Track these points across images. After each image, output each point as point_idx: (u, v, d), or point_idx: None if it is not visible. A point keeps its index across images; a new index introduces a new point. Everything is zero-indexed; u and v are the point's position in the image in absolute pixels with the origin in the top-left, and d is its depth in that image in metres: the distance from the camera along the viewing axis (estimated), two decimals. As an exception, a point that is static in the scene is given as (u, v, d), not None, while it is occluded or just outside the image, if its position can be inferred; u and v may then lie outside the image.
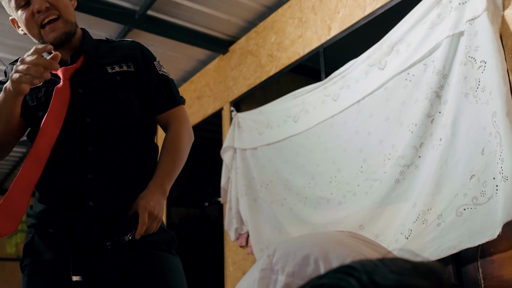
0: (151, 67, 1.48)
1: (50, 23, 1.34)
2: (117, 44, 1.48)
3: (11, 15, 1.43)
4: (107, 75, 1.39)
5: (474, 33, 1.86)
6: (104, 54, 1.43)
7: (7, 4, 1.39)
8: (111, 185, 1.31)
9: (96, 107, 1.35)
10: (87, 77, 1.37)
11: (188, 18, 3.34)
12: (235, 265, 3.24)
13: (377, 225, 2.16)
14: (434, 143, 1.97)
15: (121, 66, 1.41)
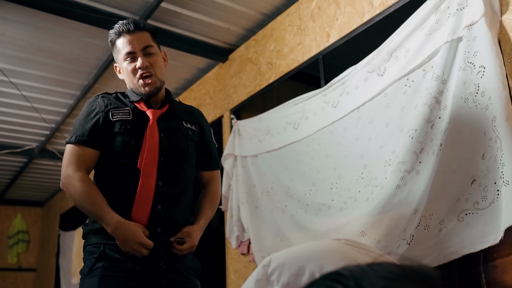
0: (209, 134, 1.95)
1: (146, 78, 1.73)
2: (190, 109, 1.94)
3: (116, 63, 1.81)
4: (183, 127, 1.82)
5: (473, 38, 1.87)
6: (181, 111, 1.87)
7: (117, 56, 1.78)
8: (172, 212, 1.70)
9: (171, 150, 1.74)
10: (168, 124, 1.78)
11: (187, 27, 3.35)
12: (237, 273, 3.23)
13: (379, 231, 2.16)
14: (434, 148, 1.97)
15: (192, 125, 1.86)
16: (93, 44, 3.48)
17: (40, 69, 3.78)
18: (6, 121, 4.68)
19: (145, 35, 1.75)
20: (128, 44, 1.72)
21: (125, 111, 1.73)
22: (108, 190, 1.67)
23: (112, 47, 1.78)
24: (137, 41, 1.72)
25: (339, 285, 0.51)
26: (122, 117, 1.71)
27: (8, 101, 4.26)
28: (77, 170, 1.65)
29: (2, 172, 6.29)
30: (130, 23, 1.73)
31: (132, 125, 1.71)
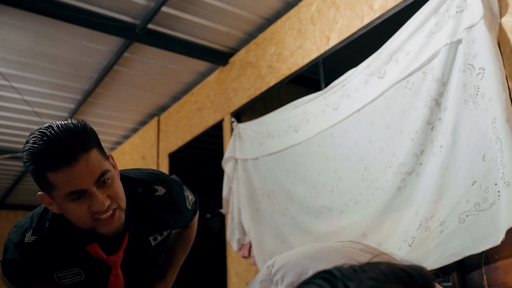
0: (184, 211, 1.51)
1: (108, 220, 1.20)
2: (155, 209, 1.39)
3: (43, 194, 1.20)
4: (151, 250, 1.42)
5: (472, 40, 1.88)
6: (145, 225, 1.38)
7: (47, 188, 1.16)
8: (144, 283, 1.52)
9: (138, 277, 1.46)
10: (133, 257, 1.38)
11: (188, 31, 3.37)
12: (238, 276, 3.23)
13: (380, 233, 2.16)
14: (435, 150, 1.97)
15: (162, 234, 1.43)
16: (94, 48, 3.49)
17: (41, 74, 3.80)
18: (7, 125, 4.69)
19: (93, 156, 1.13)
20: (72, 180, 1.11)
21: (74, 272, 1.32)
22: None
23: (36, 176, 1.14)
24: (85, 172, 1.11)
25: (328, 285, 0.52)
26: (73, 280, 1.33)
27: (10, 105, 4.28)
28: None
29: (3, 177, 6.30)
30: (66, 144, 1.09)
31: (88, 283, 1.36)
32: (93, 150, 1.14)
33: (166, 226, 1.43)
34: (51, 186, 1.13)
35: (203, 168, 5.73)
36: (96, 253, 1.30)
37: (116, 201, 1.20)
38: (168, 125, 4.46)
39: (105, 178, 1.16)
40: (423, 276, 0.54)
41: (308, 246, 0.89)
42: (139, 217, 1.36)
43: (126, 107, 4.55)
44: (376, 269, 0.54)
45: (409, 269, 0.55)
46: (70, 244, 1.28)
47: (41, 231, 1.26)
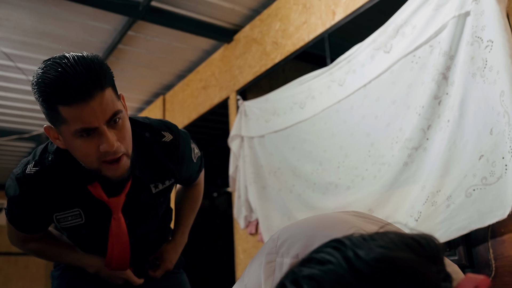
0: (189, 165, 1.48)
1: (115, 162, 1.19)
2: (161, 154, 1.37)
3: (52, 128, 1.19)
4: (151, 199, 1.40)
5: (480, 12, 1.85)
6: (148, 171, 1.36)
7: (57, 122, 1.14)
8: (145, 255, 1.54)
9: (139, 233, 1.45)
10: (133, 204, 1.36)
11: (192, 8, 3.33)
12: (245, 252, 3.26)
13: (386, 208, 2.17)
14: (442, 125, 1.96)
15: (164, 183, 1.41)
16: (98, 27, 3.47)
17: (45, 54, 3.78)
18: (13, 106, 4.70)
19: (108, 95, 1.11)
20: (85, 117, 1.08)
21: (74, 214, 1.30)
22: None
23: (47, 108, 1.11)
24: (99, 110, 1.09)
25: (338, 253, 0.52)
26: (73, 223, 1.31)
27: (15, 86, 4.28)
28: (26, 244, 1.41)
29: (11, 158, 6.35)
30: (82, 79, 1.05)
31: (88, 228, 1.34)
32: (108, 89, 1.11)
33: (170, 175, 1.41)
34: (61, 120, 1.11)
35: (210, 146, 5.74)
36: (97, 194, 1.28)
37: (124, 145, 1.18)
38: (174, 104, 4.46)
39: (117, 118, 1.14)
40: (432, 244, 0.55)
41: (313, 217, 0.89)
42: (144, 163, 1.34)
43: (131, 86, 4.54)
44: (385, 238, 0.54)
45: (418, 238, 0.55)
46: (72, 181, 1.26)
47: (43, 163, 1.24)
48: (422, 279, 0.50)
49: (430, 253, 0.54)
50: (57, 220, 1.31)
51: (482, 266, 1.89)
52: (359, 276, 0.50)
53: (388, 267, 0.50)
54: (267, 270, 0.84)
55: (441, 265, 0.54)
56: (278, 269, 0.84)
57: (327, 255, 0.53)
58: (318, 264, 0.53)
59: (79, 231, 1.35)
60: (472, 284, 0.53)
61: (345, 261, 0.51)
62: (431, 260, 0.53)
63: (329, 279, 0.51)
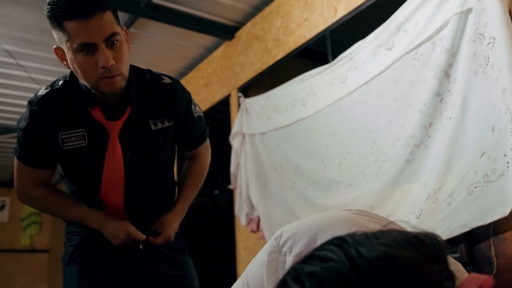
0: (190, 115, 1.59)
1: (110, 78, 1.32)
2: (160, 94, 1.48)
3: (59, 47, 1.34)
4: (151, 135, 1.49)
5: (483, 9, 1.84)
6: (147, 106, 1.47)
7: (62, 39, 1.29)
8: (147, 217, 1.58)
9: (141, 171, 1.50)
10: (132, 136, 1.46)
11: (193, 5, 3.33)
12: (247, 250, 3.27)
13: (388, 206, 2.17)
14: (443, 122, 1.96)
15: (163, 122, 1.50)
16: (99, 24, 3.46)
17: (47, 51, 3.78)
18: (15, 103, 4.71)
19: (107, 17, 1.26)
20: (85, 32, 1.23)
21: (78, 135, 1.40)
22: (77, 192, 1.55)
23: (54, 25, 1.27)
24: (98, 28, 1.24)
25: (340, 251, 0.52)
26: (76, 144, 1.40)
27: (17, 83, 4.28)
28: (33, 189, 1.49)
29: (12, 155, 6.36)
30: (86, 2, 1.22)
31: (89, 153, 1.42)
32: (108, 12, 1.26)
33: (168, 115, 1.50)
34: (66, 35, 1.25)
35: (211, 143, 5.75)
36: (97, 116, 1.39)
37: (119, 65, 1.32)
38: (175, 101, 4.46)
39: (114, 39, 1.29)
40: (435, 243, 0.54)
41: (316, 216, 0.88)
42: (143, 99, 1.46)
43: (133, 84, 4.54)
44: (388, 236, 0.54)
45: (421, 236, 0.55)
46: (77, 103, 1.39)
47: (53, 86, 1.41)
48: (425, 278, 0.50)
49: (433, 252, 0.54)
50: (62, 140, 1.40)
51: (484, 264, 1.89)
52: (361, 274, 0.50)
53: (390, 265, 0.50)
54: (270, 268, 0.84)
55: (444, 264, 0.54)
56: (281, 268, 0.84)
57: (329, 253, 0.53)
58: (320, 261, 0.53)
59: (81, 155, 1.42)
60: (476, 283, 0.52)
61: (347, 259, 0.51)
62: (434, 259, 0.53)
63: (330, 276, 0.51)
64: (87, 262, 1.50)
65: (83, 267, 1.48)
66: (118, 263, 1.52)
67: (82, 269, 1.48)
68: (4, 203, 7.81)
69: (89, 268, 1.49)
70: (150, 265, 1.55)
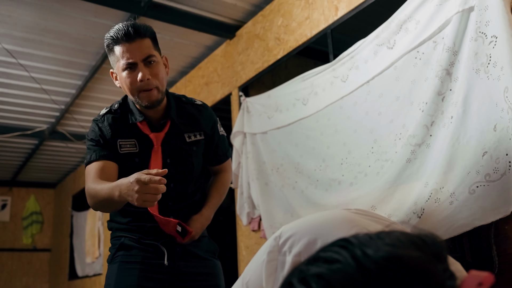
0: (216, 131, 1.90)
1: (147, 91, 1.64)
2: (192, 112, 1.83)
3: (113, 69, 1.71)
4: (186, 146, 1.79)
5: (485, 7, 1.83)
6: (183, 122, 1.80)
7: (114, 62, 1.66)
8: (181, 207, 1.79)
9: (179, 175, 1.76)
10: (171, 146, 1.75)
11: (194, 4, 3.32)
12: (248, 249, 3.27)
13: (389, 205, 2.16)
14: (445, 121, 1.95)
15: (196, 135, 1.82)
16: (100, 23, 3.46)
17: (47, 50, 3.78)
18: (16, 103, 4.71)
19: (146, 42, 1.63)
20: (127, 53, 1.60)
21: (131, 143, 1.72)
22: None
23: (109, 52, 1.67)
24: (138, 50, 1.60)
25: (346, 252, 0.52)
26: (130, 150, 1.72)
27: (17, 83, 4.28)
28: (100, 183, 1.60)
29: (14, 155, 6.36)
30: (129, 28, 1.59)
31: (140, 157, 1.72)
32: (146, 39, 1.63)
33: (199, 128, 1.83)
34: (115, 58, 1.64)
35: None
36: (144, 129, 1.72)
37: (156, 79, 1.64)
38: (176, 100, 4.46)
39: (151, 60, 1.63)
40: (436, 243, 0.55)
41: (315, 215, 0.88)
42: (180, 116, 1.79)
43: (134, 83, 4.53)
44: (392, 236, 0.54)
45: (423, 236, 0.55)
46: (129, 119, 1.73)
47: (112, 107, 1.76)
48: (430, 277, 0.50)
49: (436, 252, 0.54)
50: (119, 145, 1.71)
51: (485, 263, 1.88)
52: (368, 274, 0.50)
53: (396, 265, 0.50)
54: (269, 268, 0.84)
55: (445, 263, 0.54)
56: (280, 268, 0.83)
57: (335, 254, 0.53)
58: (325, 263, 0.53)
59: (133, 159, 1.72)
60: (476, 280, 0.52)
61: (353, 260, 0.51)
62: (437, 259, 0.53)
63: (337, 277, 0.51)
64: (126, 261, 1.71)
65: (122, 265, 1.70)
66: (152, 262, 1.70)
67: (121, 266, 1.70)
68: (6, 202, 7.82)
69: (127, 265, 1.69)
70: (181, 263, 1.73)
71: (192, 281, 1.74)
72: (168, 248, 1.72)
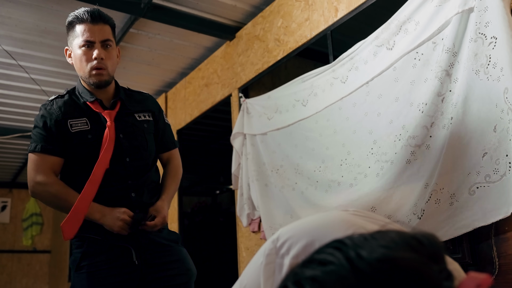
0: (161, 117, 2.03)
1: (98, 69, 1.77)
2: (139, 97, 1.99)
3: (68, 47, 1.84)
4: (138, 122, 1.90)
5: (484, 8, 1.83)
6: (132, 104, 1.93)
7: (73, 39, 1.79)
8: (143, 198, 1.84)
9: (133, 150, 1.84)
10: (124, 122, 1.85)
11: (193, 5, 3.32)
12: (248, 250, 3.26)
13: (389, 206, 2.16)
14: (445, 122, 1.95)
15: (145, 116, 1.94)
16: (100, 25, 3.45)
17: (47, 52, 3.78)
18: (16, 104, 4.71)
19: (106, 28, 1.79)
20: (88, 32, 1.74)
21: (82, 121, 1.79)
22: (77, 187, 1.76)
23: (70, 29, 1.79)
24: (98, 32, 1.75)
25: (340, 254, 0.52)
26: (81, 128, 1.78)
27: (17, 84, 4.28)
28: (46, 177, 1.73)
29: (14, 156, 6.36)
30: (95, 12, 1.76)
31: (92, 134, 1.78)
32: (107, 25, 1.80)
33: (147, 110, 1.96)
34: (74, 35, 1.77)
35: (212, 144, 5.73)
36: (96, 108, 1.81)
37: (107, 63, 1.78)
38: (176, 102, 4.46)
39: (108, 44, 1.78)
40: (433, 243, 0.54)
41: (313, 217, 0.88)
42: (128, 100, 1.92)
43: (133, 84, 4.54)
44: (386, 237, 0.54)
45: (419, 236, 0.54)
46: (79, 99, 1.82)
47: (59, 94, 1.85)
48: (425, 279, 0.50)
49: (432, 252, 0.53)
50: (70, 125, 1.77)
51: (486, 264, 1.88)
52: (362, 276, 0.49)
53: (390, 267, 0.49)
54: (267, 271, 0.84)
55: (443, 264, 0.54)
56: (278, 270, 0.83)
57: (329, 256, 0.53)
58: (319, 265, 0.53)
59: (86, 136, 1.77)
60: (474, 283, 0.52)
61: (347, 262, 0.51)
62: (433, 259, 0.53)
63: (331, 280, 0.50)
64: (94, 270, 1.71)
65: (91, 275, 1.70)
66: (119, 263, 1.72)
67: (89, 277, 1.70)
68: (6, 203, 7.81)
69: (96, 276, 1.70)
70: (148, 256, 1.76)
71: (162, 271, 1.77)
72: (133, 244, 1.74)
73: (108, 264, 1.71)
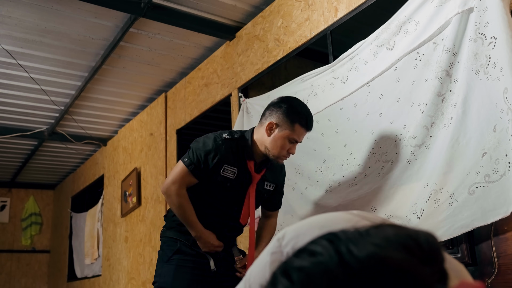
0: (282, 186, 2.39)
1: (283, 158, 2.14)
2: (274, 167, 2.28)
3: (276, 122, 2.09)
4: (263, 190, 2.25)
5: (484, 8, 1.84)
6: (269, 173, 2.25)
7: (286, 127, 2.08)
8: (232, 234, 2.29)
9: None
10: (259, 188, 2.20)
11: (194, 5, 3.32)
12: (248, 250, 3.26)
13: (389, 206, 2.16)
14: (445, 122, 1.95)
15: (271, 186, 2.28)
16: (100, 24, 3.46)
17: (47, 51, 3.78)
18: (15, 104, 4.71)
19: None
20: (300, 136, 2.11)
21: (233, 170, 2.11)
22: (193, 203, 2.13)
23: (289, 118, 2.07)
24: (303, 137, 2.14)
25: (331, 246, 0.52)
26: (228, 176, 2.10)
27: (17, 84, 4.28)
28: (179, 188, 2.08)
29: (14, 156, 6.36)
30: (312, 123, 2.13)
31: (232, 184, 2.12)
32: None
33: (276, 182, 2.30)
34: (289, 129, 2.08)
35: (211, 144, 5.73)
36: (250, 167, 2.14)
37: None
38: (176, 101, 4.45)
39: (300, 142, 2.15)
40: (430, 242, 0.54)
41: (318, 216, 0.88)
42: (270, 169, 2.24)
43: (133, 84, 4.54)
44: (381, 234, 0.53)
45: (416, 236, 0.54)
46: (241, 153, 2.13)
47: (232, 135, 2.14)
48: (414, 280, 0.49)
49: (427, 253, 0.53)
50: (223, 169, 2.09)
51: (485, 264, 1.89)
52: (349, 271, 0.49)
53: (378, 265, 0.49)
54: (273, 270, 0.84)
55: (437, 265, 0.53)
56: (283, 268, 0.83)
57: (319, 247, 0.53)
58: (309, 255, 0.53)
59: (226, 183, 2.11)
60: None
61: (336, 255, 0.51)
62: (427, 260, 0.52)
63: (317, 271, 0.50)
64: (181, 265, 2.10)
65: (178, 267, 2.09)
66: (201, 267, 2.11)
67: (177, 267, 2.09)
68: (5, 203, 7.81)
69: (182, 268, 2.09)
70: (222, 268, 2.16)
71: (228, 282, 2.12)
72: (212, 254, 2.14)
73: (193, 264, 2.11)
